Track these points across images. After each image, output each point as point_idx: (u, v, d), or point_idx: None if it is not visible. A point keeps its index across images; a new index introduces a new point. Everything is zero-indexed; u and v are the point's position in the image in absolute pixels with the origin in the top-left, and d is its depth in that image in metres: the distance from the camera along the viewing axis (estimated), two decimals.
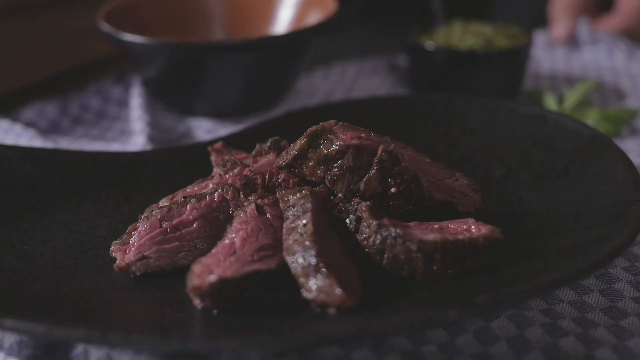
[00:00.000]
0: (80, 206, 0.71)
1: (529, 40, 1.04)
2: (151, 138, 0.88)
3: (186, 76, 0.95)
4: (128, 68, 1.09)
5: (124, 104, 1.03)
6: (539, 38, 1.28)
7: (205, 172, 0.75)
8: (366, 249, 0.58)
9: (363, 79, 1.14)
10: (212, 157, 0.73)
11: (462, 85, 1.03)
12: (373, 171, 0.61)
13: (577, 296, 0.60)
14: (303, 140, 0.62)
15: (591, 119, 0.95)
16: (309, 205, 0.59)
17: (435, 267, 0.57)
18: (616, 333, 0.56)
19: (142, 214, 0.64)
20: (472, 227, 0.59)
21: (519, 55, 1.03)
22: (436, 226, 0.60)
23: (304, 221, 0.57)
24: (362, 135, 0.63)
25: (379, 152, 0.60)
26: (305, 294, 0.53)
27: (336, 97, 1.08)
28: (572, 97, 0.98)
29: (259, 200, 0.61)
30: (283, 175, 0.65)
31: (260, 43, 0.92)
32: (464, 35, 1.04)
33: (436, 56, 1.02)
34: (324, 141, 0.62)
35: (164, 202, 0.66)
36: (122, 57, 1.08)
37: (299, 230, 0.57)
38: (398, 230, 0.57)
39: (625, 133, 0.95)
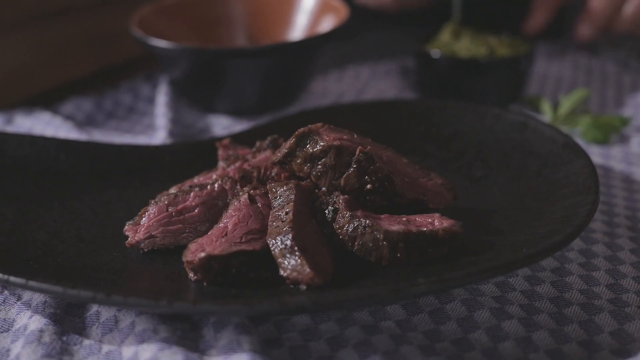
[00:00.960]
0: (104, 191, 0.82)
1: (530, 50, 1.09)
2: (171, 133, 0.98)
3: (208, 77, 1.05)
4: (157, 68, 1.20)
5: (152, 100, 1.13)
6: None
7: (214, 164, 0.85)
8: (340, 237, 0.67)
9: (375, 82, 1.22)
10: (219, 152, 0.83)
11: (465, 91, 1.10)
12: (351, 169, 0.69)
13: (529, 286, 0.67)
14: (292, 140, 0.71)
15: (581, 125, 1.01)
16: (292, 196, 0.68)
17: (399, 255, 0.65)
18: (557, 319, 0.63)
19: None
20: (436, 221, 0.67)
21: (519, 64, 1.09)
22: (404, 219, 0.68)
23: (286, 210, 0.66)
24: (344, 137, 0.71)
25: (357, 152, 0.69)
26: (282, 272, 0.62)
27: (347, 99, 1.17)
28: (566, 104, 1.04)
29: (252, 191, 0.70)
30: (276, 169, 0.75)
31: (276, 49, 1.01)
32: (469, 44, 1.11)
33: (441, 63, 1.09)
34: (310, 141, 0.70)
35: (172, 190, 0.76)
36: (151, 58, 1.19)
37: (281, 218, 0.66)
38: (368, 221, 0.65)
39: (614, 140, 1.00)
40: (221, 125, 1.07)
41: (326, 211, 0.68)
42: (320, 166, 0.70)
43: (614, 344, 0.59)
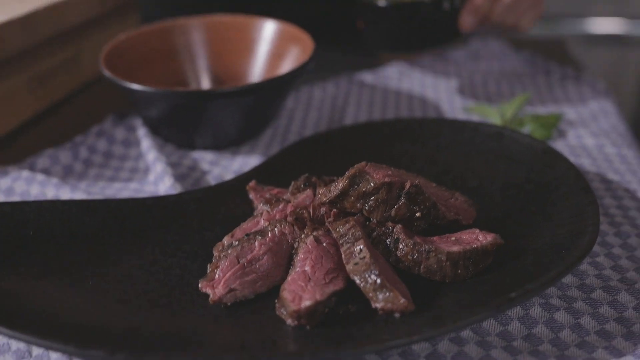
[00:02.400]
0: (145, 249, 0.83)
1: None
2: (176, 177, 0.99)
3: (188, 118, 1.06)
4: (105, 93, 1.20)
5: (127, 143, 1.12)
6: None
7: (239, 207, 0.89)
8: (406, 263, 0.75)
9: (330, 99, 1.30)
10: (251, 195, 0.87)
11: (413, 37, 1.19)
12: (402, 201, 0.78)
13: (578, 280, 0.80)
14: (345, 181, 0.77)
15: (529, 126, 1.17)
16: (358, 233, 0.75)
17: (459, 271, 0.75)
18: (591, 304, 0.76)
19: (214, 251, 0.78)
20: (480, 236, 0.78)
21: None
22: (453, 239, 0.78)
23: (359, 247, 0.73)
24: (389, 172, 0.79)
25: (407, 186, 0.77)
26: (375, 305, 0.69)
27: (311, 117, 1.23)
28: (509, 111, 1.19)
29: (315, 233, 0.76)
30: (324, 208, 0.81)
31: (252, 89, 1.03)
32: None
33: (387, 12, 1.15)
34: (361, 181, 0.77)
35: (227, 240, 0.80)
36: (97, 83, 1.19)
37: (357, 255, 0.73)
38: (430, 246, 0.75)
39: (554, 136, 1.17)
40: (206, 160, 1.09)
41: (387, 241, 0.77)
42: (372, 201, 0.78)
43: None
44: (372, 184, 0.77)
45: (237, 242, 0.77)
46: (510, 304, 0.66)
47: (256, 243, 0.76)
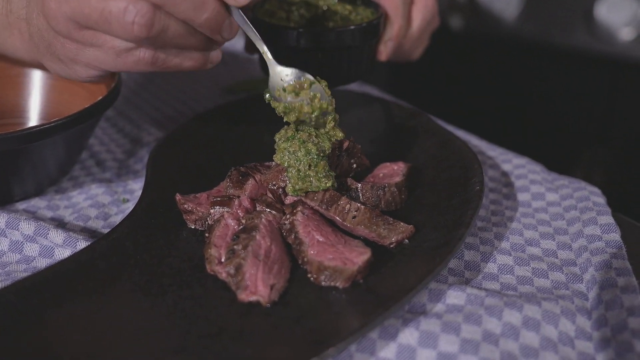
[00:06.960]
0: (132, 297, 0.71)
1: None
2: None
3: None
4: None
5: None
6: None
7: (170, 225, 0.82)
8: (369, 204, 0.85)
9: None
10: (188, 206, 0.82)
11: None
12: (345, 158, 0.87)
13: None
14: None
15: None
16: (334, 194, 0.82)
17: (402, 196, 0.89)
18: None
19: (212, 268, 0.73)
20: (395, 166, 0.93)
21: None
22: (381, 175, 0.91)
23: (345, 203, 0.80)
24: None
25: (346, 145, 0.87)
26: (388, 242, 0.79)
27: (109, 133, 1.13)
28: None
29: (300, 208, 0.79)
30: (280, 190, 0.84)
31: (83, 116, 0.89)
32: None
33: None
34: None
35: (215, 251, 0.75)
36: None
37: (350, 210, 0.80)
38: (383, 184, 0.86)
39: None
40: (42, 207, 0.93)
41: (349, 193, 0.85)
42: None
43: None
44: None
45: (240, 246, 0.74)
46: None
47: (258, 237, 0.75)
